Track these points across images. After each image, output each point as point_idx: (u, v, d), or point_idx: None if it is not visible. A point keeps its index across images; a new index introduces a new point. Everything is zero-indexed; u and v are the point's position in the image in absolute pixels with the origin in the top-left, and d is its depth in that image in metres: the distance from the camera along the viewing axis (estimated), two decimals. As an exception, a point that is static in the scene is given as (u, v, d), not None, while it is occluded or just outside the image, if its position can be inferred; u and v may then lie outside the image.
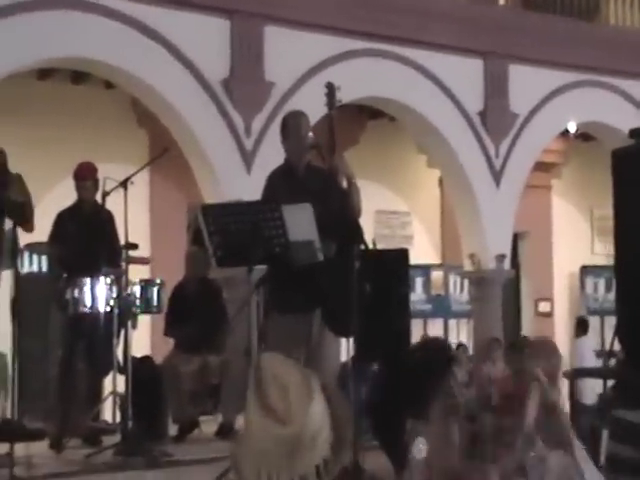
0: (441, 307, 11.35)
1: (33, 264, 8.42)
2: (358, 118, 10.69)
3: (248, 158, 8.38)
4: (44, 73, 8.84)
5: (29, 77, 8.54)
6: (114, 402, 5.56)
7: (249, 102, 8.46)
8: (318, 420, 1.47)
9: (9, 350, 4.38)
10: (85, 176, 5.79)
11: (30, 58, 7.50)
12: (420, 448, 1.69)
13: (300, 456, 1.45)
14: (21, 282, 4.61)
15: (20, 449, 4.60)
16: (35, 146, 8.32)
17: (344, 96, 4.61)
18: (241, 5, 8.41)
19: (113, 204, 5.61)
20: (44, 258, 8.03)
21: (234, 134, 8.39)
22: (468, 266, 10.28)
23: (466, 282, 10.98)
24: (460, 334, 11.21)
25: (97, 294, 5.32)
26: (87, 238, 5.58)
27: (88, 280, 5.32)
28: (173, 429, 5.90)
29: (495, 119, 9.90)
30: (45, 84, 9.02)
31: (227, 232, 4.17)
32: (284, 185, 4.42)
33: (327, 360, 4.31)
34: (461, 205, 10.23)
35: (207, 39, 8.28)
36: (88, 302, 5.32)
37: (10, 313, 4.24)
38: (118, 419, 5.60)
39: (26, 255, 7.65)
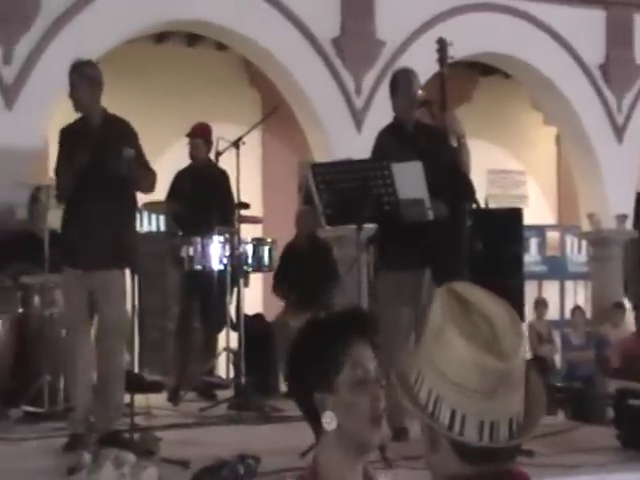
0: (557, 268, 11.03)
1: (152, 223, 8.67)
2: (470, 75, 10.40)
3: (358, 117, 8.30)
4: (161, 37, 8.99)
5: (147, 41, 8.70)
6: (227, 358, 5.69)
7: (359, 60, 8.35)
8: (524, 361, 1.33)
9: (130, 305, 4.53)
10: (196, 134, 5.87)
11: (148, 22, 7.63)
12: (328, 421, 1.61)
13: (502, 396, 1.30)
14: (140, 240, 4.74)
15: (140, 400, 4.76)
16: (153, 108, 8.50)
17: (456, 52, 4.47)
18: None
19: (226, 164, 5.67)
20: (162, 217, 8.24)
21: (344, 93, 8.32)
22: (586, 226, 9.91)
23: (584, 243, 10.61)
24: (577, 296, 10.87)
25: (211, 252, 5.42)
26: (201, 197, 5.67)
27: (202, 238, 5.42)
28: (284, 385, 5.99)
29: (617, 71, 9.41)
30: (162, 47, 9.18)
31: (337, 190, 4.14)
32: (393, 143, 4.34)
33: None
34: (580, 163, 9.83)
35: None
36: (202, 260, 5.43)
37: (130, 270, 4.38)
38: (231, 374, 5.72)
39: (145, 214, 7.86)
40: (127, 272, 4.34)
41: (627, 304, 9.41)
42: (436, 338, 1.34)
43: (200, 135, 5.92)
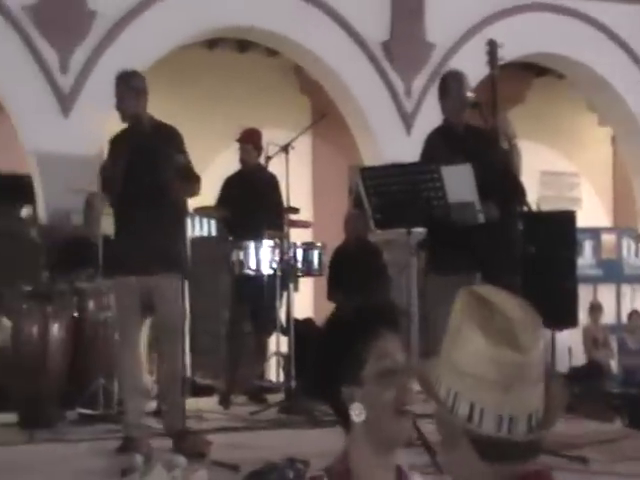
0: (613, 272, 10.81)
1: (203, 227, 8.75)
2: (523, 76, 10.27)
3: (408, 120, 8.26)
4: (212, 43, 9.08)
5: (199, 48, 8.80)
6: (277, 362, 5.70)
7: (409, 63, 8.32)
8: (542, 358, 1.33)
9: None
10: (246, 139, 5.91)
11: (200, 29, 7.71)
12: (357, 413, 1.58)
13: (519, 390, 1.30)
14: (191, 245, 4.78)
15: (191, 404, 4.80)
16: (204, 114, 8.59)
17: (507, 53, 4.42)
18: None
19: (276, 169, 5.70)
20: (212, 222, 8.31)
21: (394, 96, 8.29)
22: (643, 229, 9.71)
23: (641, 245, 10.38)
24: (634, 300, 10.64)
25: (261, 257, 5.44)
26: (251, 202, 5.70)
27: (252, 243, 5.44)
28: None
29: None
30: (213, 54, 9.27)
31: (386, 194, 4.12)
32: (443, 145, 4.30)
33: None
34: (636, 164, 9.64)
35: (367, 2, 8.19)
36: (252, 264, 5.45)
37: (180, 275, 4.42)
38: (281, 378, 5.73)
39: (196, 219, 7.94)
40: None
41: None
42: (454, 337, 1.36)
43: (250, 140, 5.95)
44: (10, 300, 5.69)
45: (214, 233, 8.41)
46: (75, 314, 5.40)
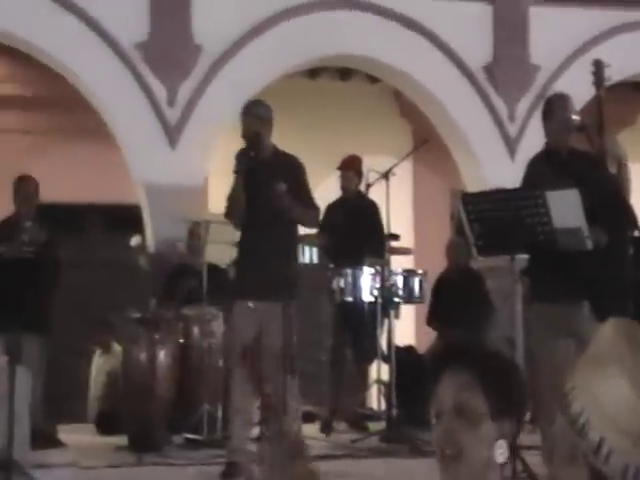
0: None
1: (305, 255, 8.83)
2: (634, 97, 9.95)
3: (512, 144, 8.13)
4: (314, 72, 9.21)
5: (300, 77, 8.93)
6: (379, 390, 5.66)
7: (513, 87, 8.20)
8: None
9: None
10: (347, 166, 5.95)
11: (302, 59, 7.83)
12: (500, 452, 1.52)
13: None
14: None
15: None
16: (306, 142, 8.69)
17: (615, 73, 4.30)
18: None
19: (377, 195, 5.70)
20: (314, 249, 8.37)
21: (497, 120, 8.18)
22: None
23: None
24: None
25: (361, 284, 5.45)
26: (352, 229, 5.73)
27: (353, 270, 5.46)
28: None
29: None
30: (315, 82, 9.39)
31: (489, 220, 4.07)
32: (547, 170, 4.21)
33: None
34: None
35: (468, 25, 8.14)
36: (353, 292, 5.46)
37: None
38: (383, 406, 5.69)
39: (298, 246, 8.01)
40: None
41: None
42: (598, 367, 1.33)
43: (351, 167, 5.99)
44: (120, 326, 5.88)
45: (316, 260, 8.47)
46: (181, 340, 5.53)
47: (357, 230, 5.70)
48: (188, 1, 7.22)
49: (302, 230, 5.42)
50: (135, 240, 6.24)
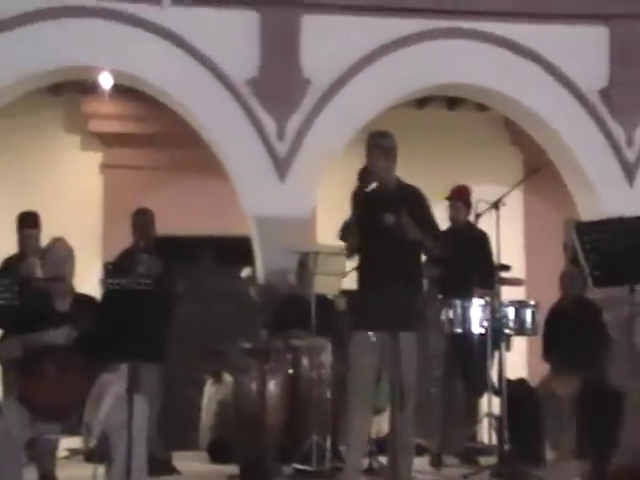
0: None
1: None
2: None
3: (630, 170, 7.91)
4: (422, 102, 9.25)
5: (408, 107, 9.00)
6: (489, 423, 5.59)
7: (631, 110, 7.99)
8: None
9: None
10: (455, 197, 5.95)
11: (410, 89, 7.88)
12: None
13: None
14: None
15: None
16: (415, 172, 8.66)
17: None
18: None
19: (486, 225, 5.67)
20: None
21: (614, 146, 7.98)
22: None
23: None
24: None
25: (471, 315, 5.42)
26: (461, 259, 5.71)
27: (462, 301, 5.44)
28: (551, 454, 5.75)
29: None
30: (423, 112, 9.43)
31: (605, 250, 4.00)
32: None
33: None
34: None
35: (581, 49, 8.00)
36: (462, 323, 5.44)
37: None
38: (494, 441, 5.61)
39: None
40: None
41: None
42: None
43: (460, 198, 5.99)
44: (231, 357, 6.04)
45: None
46: (290, 371, 5.63)
47: (466, 261, 5.67)
48: (297, 36, 7.40)
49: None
50: (246, 271, 6.40)
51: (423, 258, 4.78)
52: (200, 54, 7.15)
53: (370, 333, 4.27)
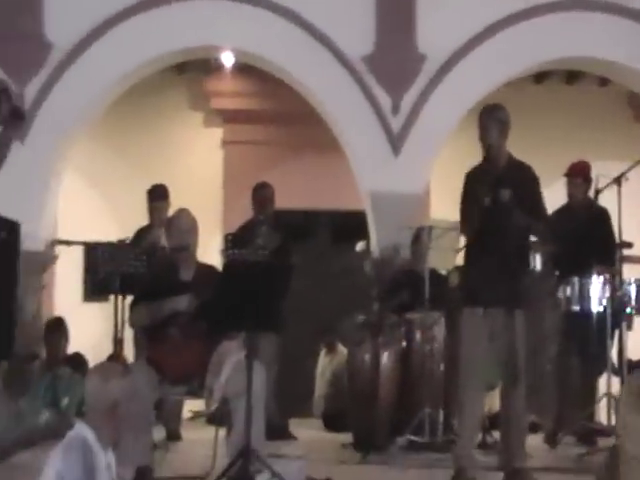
0: None
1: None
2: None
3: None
4: (540, 77, 8.96)
5: (525, 82, 8.73)
6: (608, 404, 5.40)
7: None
8: None
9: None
10: (574, 173, 5.74)
11: (528, 63, 7.65)
12: None
13: None
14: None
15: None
16: (533, 148, 8.42)
17: None
18: None
19: (607, 202, 5.45)
20: (537, 256, 8.13)
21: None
22: None
23: None
24: None
25: (589, 293, 5.24)
26: (579, 236, 5.52)
27: (580, 279, 5.26)
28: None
29: None
30: (541, 87, 9.14)
31: None
32: None
33: None
34: None
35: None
36: (580, 301, 5.27)
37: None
38: (613, 421, 5.42)
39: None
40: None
41: None
42: None
43: (579, 174, 5.78)
44: (346, 329, 6.06)
45: (538, 267, 8.21)
46: (403, 344, 5.60)
47: (585, 238, 5.48)
48: (413, 12, 7.29)
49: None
50: (360, 246, 6.40)
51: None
52: (317, 31, 7.15)
53: (480, 309, 4.20)
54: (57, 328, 5.78)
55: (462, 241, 5.01)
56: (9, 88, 3.29)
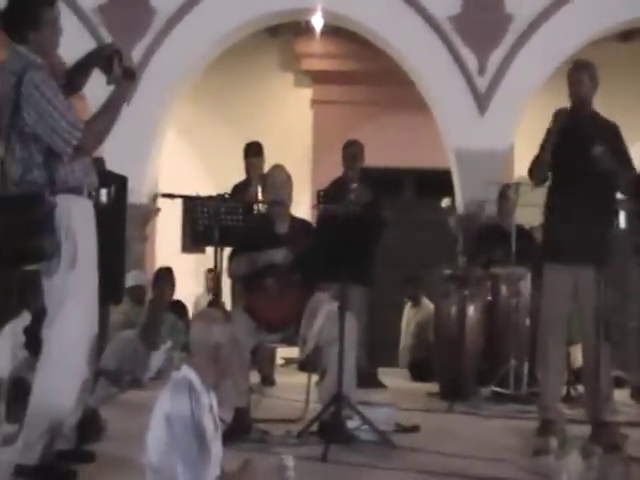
0: None
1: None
2: None
3: None
4: (626, 35, 8.49)
5: (610, 40, 8.28)
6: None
7: None
8: None
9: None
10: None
11: (613, 21, 7.25)
12: None
13: None
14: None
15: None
16: (616, 108, 8.04)
17: None
18: None
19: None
20: (622, 213, 7.77)
21: None
22: None
23: None
24: None
25: (679, 250, 4.94)
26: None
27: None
28: None
29: None
30: (627, 45, 8.66)
31: None
32: None
33: None
34: None
35: None
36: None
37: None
38: None
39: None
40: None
41: None
42: None
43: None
44: (432, 282, 5.92)
45: (623, 225, 7.85)
46: (489, 298, 5.44)
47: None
48: (501, -27, 7.00)
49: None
50: (445, 202, 6.23)
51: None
52: (407, -7, 6.94)
53: (563, 264, 4.00)
54: (165, 276, 5.87)
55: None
56: (121, 49, 3.23)
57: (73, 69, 3.30)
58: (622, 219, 8.10)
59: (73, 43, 3.64)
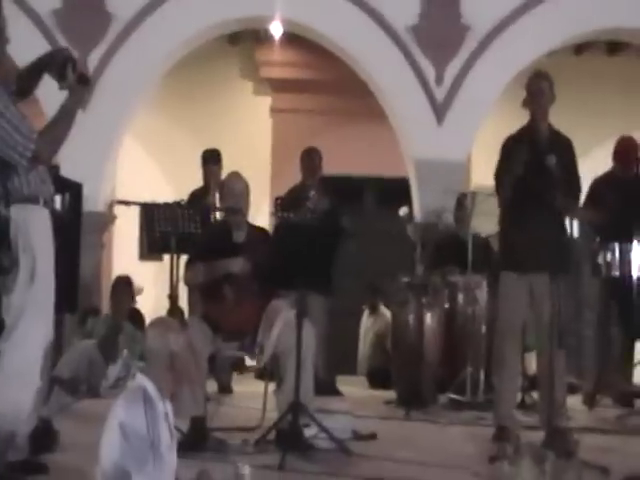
0: None
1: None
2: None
3: None
4: (580, 48, 8.67)
5: (565, 53, 8.45)
6: (646, 367, 5.25)
7: None
8: None
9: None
10: (621, 150, 5.53)
11: (568, 34, 7.40)
12: None
13: None
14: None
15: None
16: (573, 116, 8.18)
17: None
18: None
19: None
20: (575, 223, 7.91)
21: None
22: None
23: None
24: None
25: (630, 259, 5.06)
26: (621, 204, 5.33)
27: (621, 245, 5.09)
28: None
29: None
30: (580, 58, 8.84)
31: None
32: None
33: None
34: None
35: None
36: (621, 266, 5.10)
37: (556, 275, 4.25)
38: (651, 384, 5.27)
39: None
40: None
41: None
42: None
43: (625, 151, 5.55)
44: (390, 290, 5.96)
45: (576, 234, 8.00)
46: (446, 306, 5.50)
47: (627, 205, 5.29)
48: (457, -17, 7.10)
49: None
50: (403, 211, 6.28)
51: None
52: (364, 2, 6.99)
53: (519, 273, 4.06)
54: (124, 286, 5.80)
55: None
56: (73, 56, 3.20)
57: (23, 74, 3.27)
58: (576, 228, 8.26)
59: (27, 47, 3.61)
